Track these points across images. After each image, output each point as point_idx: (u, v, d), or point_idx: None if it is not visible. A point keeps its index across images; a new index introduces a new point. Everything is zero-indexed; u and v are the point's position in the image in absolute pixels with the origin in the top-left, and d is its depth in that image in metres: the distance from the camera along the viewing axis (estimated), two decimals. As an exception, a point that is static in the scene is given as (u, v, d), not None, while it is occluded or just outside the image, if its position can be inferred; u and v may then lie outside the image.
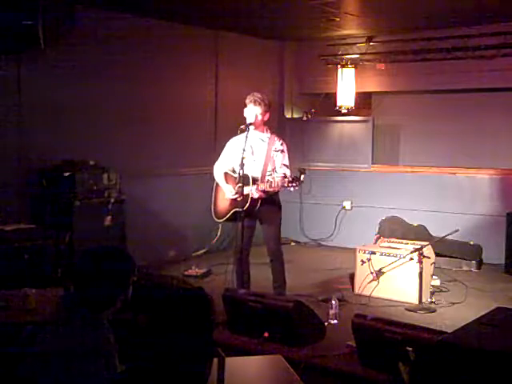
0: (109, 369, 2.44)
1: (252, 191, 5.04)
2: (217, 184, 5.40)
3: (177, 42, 7.14)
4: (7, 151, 5.69)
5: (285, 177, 4.93)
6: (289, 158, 5.29)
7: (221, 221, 5.38)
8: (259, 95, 5.15)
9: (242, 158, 4.98)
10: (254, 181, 5.09)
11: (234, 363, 2.98)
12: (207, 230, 7.57)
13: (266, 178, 5.11)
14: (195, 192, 7.50)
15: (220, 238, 7.62)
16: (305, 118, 8.51)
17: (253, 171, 5.14)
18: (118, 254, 2.74)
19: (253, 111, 5.13)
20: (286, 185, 4.90)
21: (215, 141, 7.70)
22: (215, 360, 2.41)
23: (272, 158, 5.19)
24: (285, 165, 5.21)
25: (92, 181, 5.84)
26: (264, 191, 5.02)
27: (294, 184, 4.86)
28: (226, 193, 5.25)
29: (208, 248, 7.62)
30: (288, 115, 8.82)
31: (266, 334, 4.26)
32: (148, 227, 6.77)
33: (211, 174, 5.44)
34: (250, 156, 5.19)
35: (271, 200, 5.21)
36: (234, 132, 5.21)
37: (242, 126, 5.14)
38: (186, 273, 6.55)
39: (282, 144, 5.25)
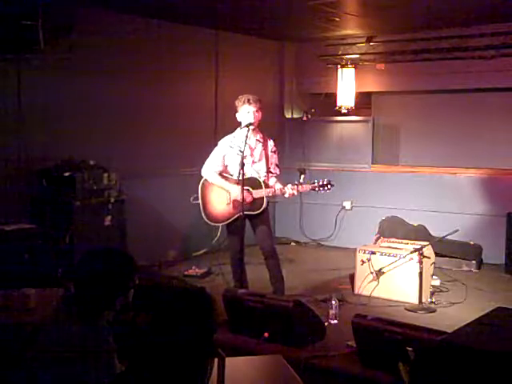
0: (108, 369, 2.44)
1: (288, 190, 5.07)
2: (204, 186, 5.35)
3: (177, 41, 7.14)
4: (7, 151, 5.69)
5: (313, 182, 5.16)
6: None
7: (220, 224, 5.36)
8: (250, 95, 5.14)
9: (243, 158, 4.97)
10: (265, 184, 5.12)
11: (234, 363, 2.98)
12: (207, 230, 7.57)
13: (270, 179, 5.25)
14: (195, 192, 7.49)
15: (220, 238, 7.62)
16: (305, 118, 8.51)
17: (255, 172, 5.15)
18: (119, 256, 2.73)
19: (250, 110, 5.09)
20: (316, 189, 5.16)
21: (215, 141, 7.65)
22: (215, 360, 2.41)
23: (270, 159, 5.23)
24: (277, 165, 5.33)
25: (92, 181, 5.82)
26: (297, 191, 5.11)
27: (326, 188, 5.16)
28: (232, 194, 5.18)
29: (208, 248, 7.62)
30: (288, 115, 8.81)
31: (266, 334, 4.26)
32: (148, 227, 6.76)
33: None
34: (250, 157, 5.19)
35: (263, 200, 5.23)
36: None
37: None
38: (186, 273, 6.55)
39: (274, 144, 5.34)
